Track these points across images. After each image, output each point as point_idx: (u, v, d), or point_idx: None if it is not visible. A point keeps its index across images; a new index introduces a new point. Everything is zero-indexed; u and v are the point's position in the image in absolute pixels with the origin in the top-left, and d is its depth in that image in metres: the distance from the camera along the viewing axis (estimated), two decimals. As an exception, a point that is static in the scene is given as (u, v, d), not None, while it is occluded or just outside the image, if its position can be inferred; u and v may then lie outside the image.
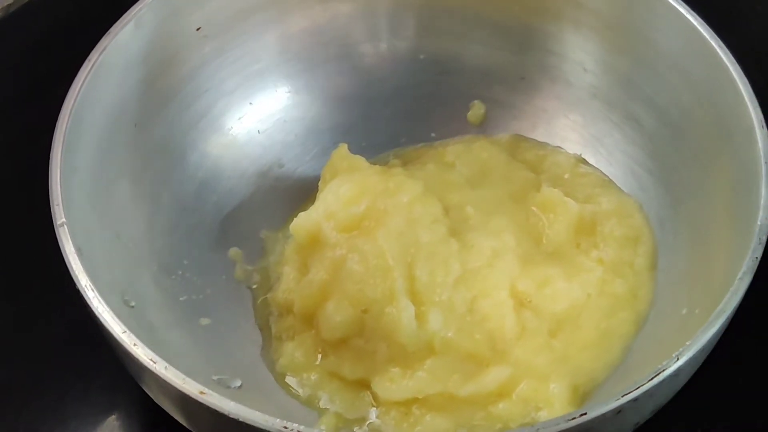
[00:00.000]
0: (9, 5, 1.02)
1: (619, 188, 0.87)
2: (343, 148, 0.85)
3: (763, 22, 1.03)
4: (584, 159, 0.90)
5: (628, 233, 0.83)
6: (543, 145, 0.91)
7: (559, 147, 0.91)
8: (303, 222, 0.80)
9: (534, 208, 0.82)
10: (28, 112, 0.96)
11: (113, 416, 0.81)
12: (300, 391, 0.78)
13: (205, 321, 0.80)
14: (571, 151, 0.90)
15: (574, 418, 0.59)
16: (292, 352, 0.79)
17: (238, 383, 0.77)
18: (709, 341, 0.63)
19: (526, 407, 0.74)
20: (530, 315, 0.77)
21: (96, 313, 0.65)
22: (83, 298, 0.65)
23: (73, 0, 1.05)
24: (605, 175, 0.88)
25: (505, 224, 0.80)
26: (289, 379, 0.78)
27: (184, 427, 0.70)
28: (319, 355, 0.78)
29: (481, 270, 0.77)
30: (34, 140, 0.75)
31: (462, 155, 0.88)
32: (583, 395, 0.76)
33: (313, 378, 0.78)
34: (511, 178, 0.86)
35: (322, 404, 0.76)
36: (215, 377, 0.76)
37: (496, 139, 0.91)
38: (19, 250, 0.89)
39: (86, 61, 0.76)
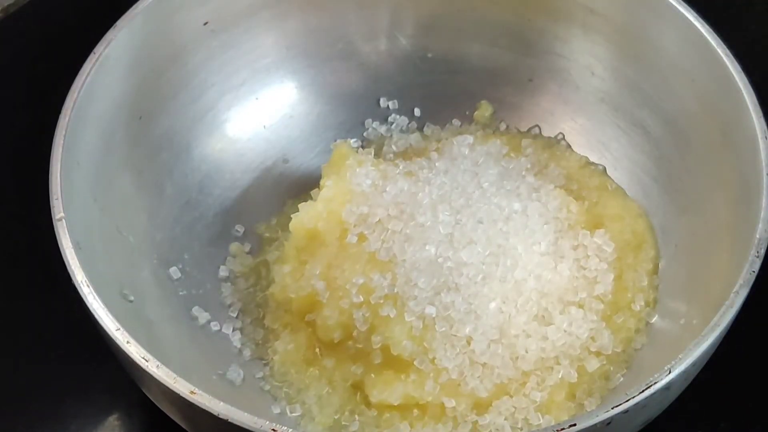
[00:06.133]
0: (9, 6, 1.02)
1: (625, 193, 0.87)
2: (345, 144, 0.86)
3: (763, 22, 1.02)
4: (592, 162, 0.89)
5: (631, 239, 0.83)
6: (550, 145, 0.91)
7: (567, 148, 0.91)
8: (302, 219, 0.80)
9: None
10: (28, 112, 0.96)
11: (113, 416, 0.81)
12: (295, 389, 0.78)
13: (204, 316, 0.80)
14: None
15: (563, 429, 0.59)
16: (288, 350, 0.79)
17: (238, 380, 0.77)
18: (702, 355, 0.63)
19: (519, 412, 0.74)
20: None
21: (91, 309, 0.65)
22: (79, 293, 0.65)
23: (73, 0, 1.05)
24: (611, 178, 0.88)
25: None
26: (285, 377, 0.78)
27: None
28: (315, 354, 0.79)
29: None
30: (35, 140, 0.75)
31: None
32: (579, 401, 0.76)
33: (308, 377, 0.78)
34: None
35: (315, 404, 0.76)
36: (215, 373, 0.77)
37: (502, 138, 0.91)
38: (19, 249, 0.90)
39: (91, 54, 0.76)
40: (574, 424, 0.59)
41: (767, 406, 0.81)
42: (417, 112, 0.93)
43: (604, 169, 0.89)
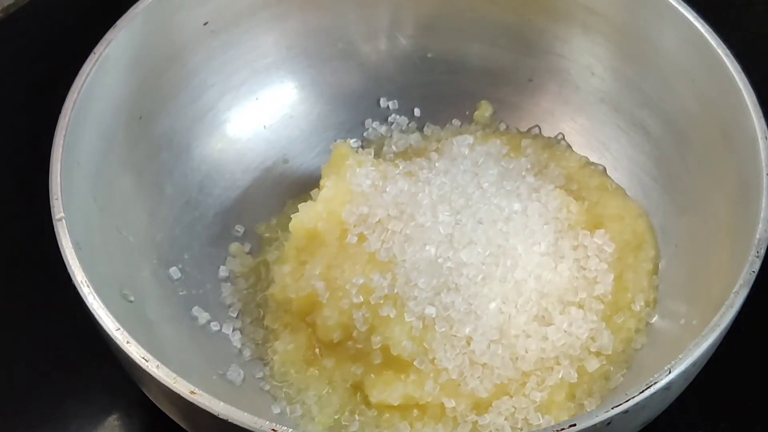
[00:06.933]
0: (9, 6, 1.02)
1: (625, 193, 0.87)
2: (345, 144, 0.86)
3: (763, 22, 1.03)
4: (592, 162, 0.89)
5: (631, 239, 0.83)
6: (550, 145, 0.91)
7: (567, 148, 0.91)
8: (302, 219, 0.80)
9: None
10: (28, 112, 0.96)
11: (113, 416, 0.81)
12: (294, 389, 0.78)
13: (204, 316, 0.81)
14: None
15: (563, 429, 0.59)
16: (288, 350, 0.79)
17: (238, 380, 0.77)
18: (702, 355, 0.63)
19: (519, 412, 0.74)
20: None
21: (91, 309, 0.65)
22: (79, 294, 0.65)
23: (73, 0, 1.05)
24: (611, 178, 0.88)
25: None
26: (285, 377, 0.78)
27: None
28: (315, 354, 0.79)
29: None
30: (35, 140, 0.75)
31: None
32: (579, 401, 0.76)
33: (308, 377, 0.78)
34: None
35: (315, 404, 0.76)
36: (215, 373, 0.77)
37: (502, 138, 0.91)
38: (19, 249, 0.90)
39: (91, 54, 0.76)
40: (574, 424, 0.59)
41: (767, 406, 0.81)
42: (417, 112, 0.93)
43: (604, 169, 0.89)
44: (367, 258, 0.77)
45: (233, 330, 0.81)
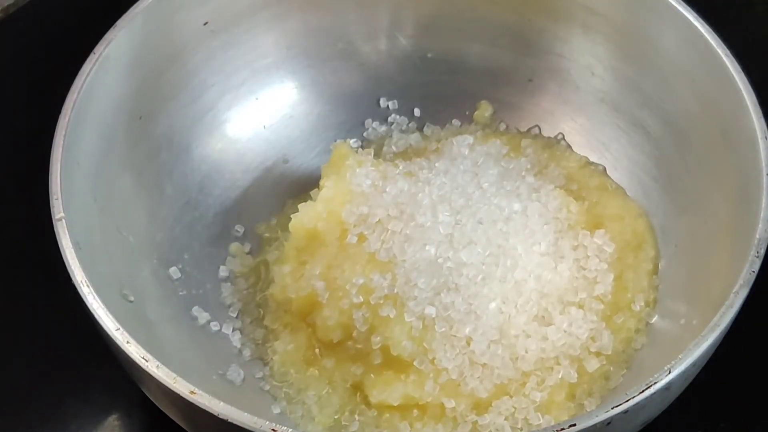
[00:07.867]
0: (9, 6, 1.02)
1: (625, 193, 0.87)
2: (345, 144, 0.86)
3: (763, 22, 1.03)
4: (592, 162, 0.89)
5: (631, 239, 0.83)
6: (550, 145, 0.91)
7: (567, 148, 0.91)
8: (302, 219, 0.80)
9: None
10: (28, 112, 0.96)
11: (113, 416, 0.81)
12: (294, 389, 0.78)
13: (204, 316, 0.81)
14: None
15: (563, 429, 0.59)
16: (288, 350, 0.79)
17: (238, 380, 0.77)
18: (702, 355, 0.63)
19: (519, 412, 0.74)
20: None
21: (91, 309, 0.65)
22: (79, 294, 0.65)
23: (73, 0, 1.05)
24: (611, 178, 0.88)
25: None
26: (285, 377, 0.78)
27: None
28: (315, 354, 0.79)
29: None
30: (35, 140, 0.75)
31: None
32: (579, 401, 0.76)
33: (308, 377, 0.78)
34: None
35: (315, 404, 0.76)
36: (215, 373, 0.77)
37: (502, 138, 0.91)
38: (19, 249, 0.90)
39: (91, 54, 0.76)
40: (574, 424, 0.59)
41: (767, 406, 0.81)
42: (417, 112, 0.93)
43: (604, 169, 0.89)
44: (367, 258, 0.77)
45: (233, 330, 0.81)
